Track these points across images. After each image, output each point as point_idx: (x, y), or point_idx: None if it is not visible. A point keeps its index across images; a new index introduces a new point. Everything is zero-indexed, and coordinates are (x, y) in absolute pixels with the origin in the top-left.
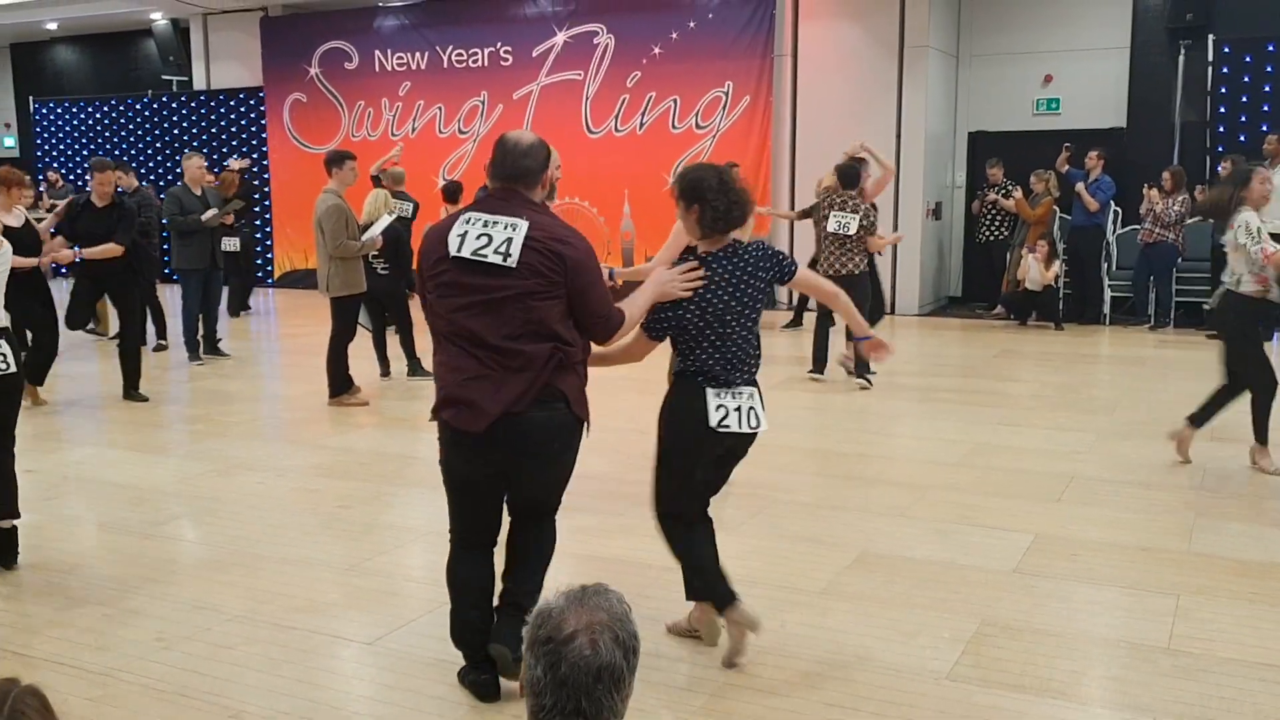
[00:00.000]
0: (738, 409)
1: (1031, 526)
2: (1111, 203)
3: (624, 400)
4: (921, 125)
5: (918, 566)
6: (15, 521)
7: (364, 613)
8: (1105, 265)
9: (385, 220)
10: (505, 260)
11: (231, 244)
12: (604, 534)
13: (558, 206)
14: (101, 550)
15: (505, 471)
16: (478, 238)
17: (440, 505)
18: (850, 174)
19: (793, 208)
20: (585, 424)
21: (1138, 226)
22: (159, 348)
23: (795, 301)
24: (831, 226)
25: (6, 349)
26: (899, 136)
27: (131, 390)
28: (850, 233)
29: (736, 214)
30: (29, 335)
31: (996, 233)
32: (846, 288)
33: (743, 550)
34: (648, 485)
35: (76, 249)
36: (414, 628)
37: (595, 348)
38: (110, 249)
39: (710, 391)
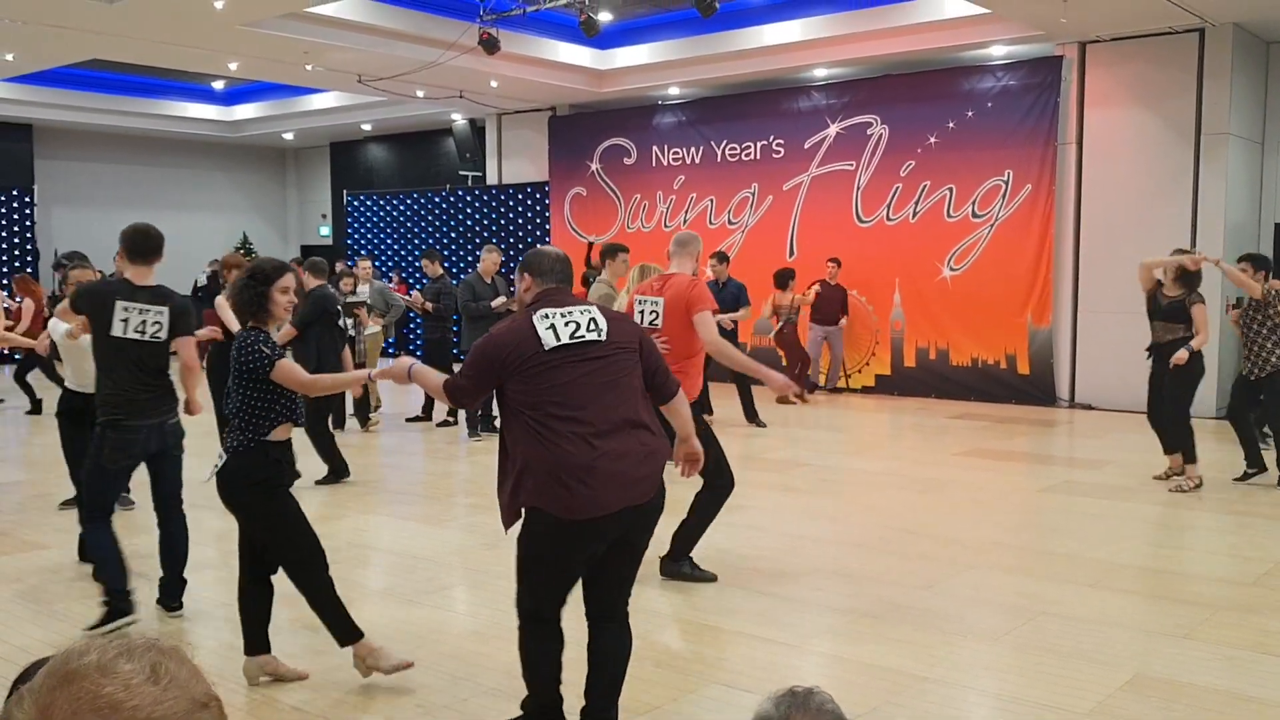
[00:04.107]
0: None
1: None
2: None
3: (896, 498)
4: (1220, 216)
5: (1200, 694)
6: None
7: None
8: None
9: None
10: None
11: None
12: (855, 637)
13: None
14: (375, 614)
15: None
16: (566, 325)
17: (720, 601)
18: None
19: (1075, 297)
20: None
21: None
22: (444, 423)
23: None
24: None
25: None
26: (1194, 228)
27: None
28: None
29: None
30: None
31: None
32: None
33: (1004, 663)
34: (915, 590)
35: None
36: (661, 714)
37: None
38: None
39: None
